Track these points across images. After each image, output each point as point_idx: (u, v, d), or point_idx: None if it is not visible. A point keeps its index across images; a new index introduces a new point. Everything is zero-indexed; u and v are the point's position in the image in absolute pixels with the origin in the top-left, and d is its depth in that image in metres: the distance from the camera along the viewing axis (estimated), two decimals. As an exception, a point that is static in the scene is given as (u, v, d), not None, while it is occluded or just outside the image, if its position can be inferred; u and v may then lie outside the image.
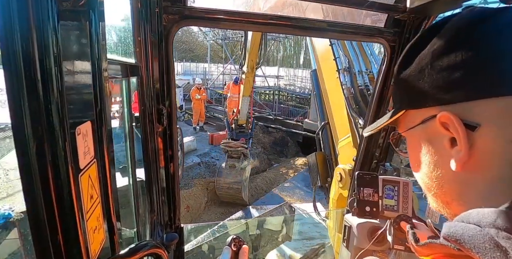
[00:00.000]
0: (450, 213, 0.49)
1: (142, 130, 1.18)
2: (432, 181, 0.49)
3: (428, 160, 0.49)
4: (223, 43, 17.96)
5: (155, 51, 1.15)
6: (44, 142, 0.43)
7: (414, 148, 0.53)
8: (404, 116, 0.54)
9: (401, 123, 0.56)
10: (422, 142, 0.50)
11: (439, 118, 0.44)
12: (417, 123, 0.50)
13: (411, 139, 0.54)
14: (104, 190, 0.60)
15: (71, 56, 0.47)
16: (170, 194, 1.38)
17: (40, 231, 0.46)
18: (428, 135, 0.49)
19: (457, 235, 0.38)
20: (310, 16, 1.40)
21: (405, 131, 0.55)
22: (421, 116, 0.49)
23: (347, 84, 2.54)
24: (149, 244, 0.82)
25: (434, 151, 0.48)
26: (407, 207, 1.43)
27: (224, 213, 7.44)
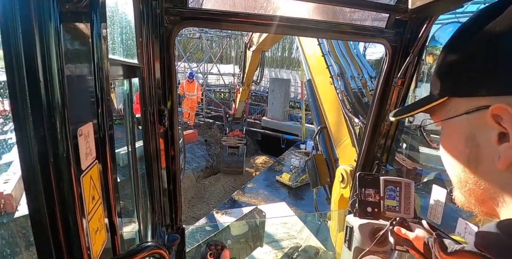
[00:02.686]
0: (482, 211, 0.47)
1: (143, 131, 1.18)
2: (469, 177, 0.46)
3: (468, 153, 0.45)
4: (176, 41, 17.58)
5: (156, 52, 1.15)
6: (46, 143, 0.43)
7: (452, 139, 0.49)
8: (444, 104, 0.49)
9: (438, 111, 0.51)
10: (463, 134, 0.46)
11: (492, 110, 0.39)
12: (460, 113, 0.45)
13: (449, 130, 0.50)
14: (105, 191, 0.60)
15: (73, 57, 0.47)
16: (172, 195, 1.38)
17: (41, 232, 0.46)
18: (472, 127, 0.44)
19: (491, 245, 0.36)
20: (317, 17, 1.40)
21: (443, 120, 0.50)
22: (467, 106, 0.44)
23: (340, 87, 2.62)
24: (151, 245, 0.81)
25: (478, 145, 0.44)
26: (409, 207, 1.43)
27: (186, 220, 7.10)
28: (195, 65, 16.70)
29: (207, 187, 8.76)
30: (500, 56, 0.39)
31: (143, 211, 1.24)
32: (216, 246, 1.08)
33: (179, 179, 1.39)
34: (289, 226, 4.41)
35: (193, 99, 12.27)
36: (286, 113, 13.82)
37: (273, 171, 9.18)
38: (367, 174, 1.48)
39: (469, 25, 0.46)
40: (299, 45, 3.25)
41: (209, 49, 16.96)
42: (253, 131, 13.05)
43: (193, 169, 9.09)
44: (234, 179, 9.25)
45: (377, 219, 1.44)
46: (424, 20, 1.41)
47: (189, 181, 8.44)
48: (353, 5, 1.35)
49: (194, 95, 12.21)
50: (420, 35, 1.44)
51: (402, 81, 1.57)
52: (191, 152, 9.88)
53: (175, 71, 1.24)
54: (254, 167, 10.37)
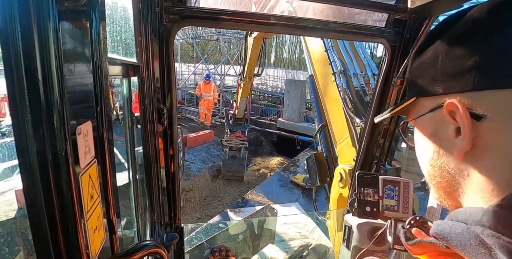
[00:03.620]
0: (452, 205, 0.50)
1: (142, 130, 1.18)
2: (435, 170, 0.49)
3: (433, 148, 0.49)
4: (194, 42, 17.56)
5: (156, 51, 1.15)
6: (45, 141, 0.42)
7: (421, 136, 0.53)
8: (414, 104, 0.54)
9: (411, 111, 0.56)
10: (428, 131, 0.50)
11: (446, 106, 0.44)
12: (425, 111, 0.50)
13: (418, 127, 0.54)
14: (104, 189, 0.60)
15: (72, 56, 0.47)
16: (171, 194, 1.38)
17: (40, 230, 0.46)
18: (435, 124, 0.48)
19: (444, 232, 0.38)
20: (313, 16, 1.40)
21: (413, 119, 0.55)
22: (430, 105, 0.49)
23: (343, 85, 2.59)
24: (150, 244, 0.82)
25: (439, 140, 0.48)
26: (408, 207, 1.43)
27: (201, 217, 7.32)
28: (213, 67, 16.88)
29: (222, 186, 8.83)
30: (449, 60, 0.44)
31: (142, 210, 1.24)
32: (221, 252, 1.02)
33: (178, 178, 1.39)
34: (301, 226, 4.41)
35: (210, 100, 12.45)
36: (302, 115, 13.79)
37: (288, 172, 9.17)
38: (366, 174, 1.48)
39: (432, 33, 0.51)
40: (302, 38, 3.21)
41: (227, 51, 17.11)
42: (268, 132, 13.24)
43: (209, 168, 9.22)
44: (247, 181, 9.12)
45: (376, 218, 1.44)
46: (424, 19, 1.41)
47: (204, 180, 8.56)
48: (352, 4, 1.35)
49: (211, 96, 12.39)
50: (420, 35, 1.44)
51: (401, 80, 1.57)
52: (207, 152, 10.01)
53: (174, 70, 1.24)
54: (269, 168, 10.38)
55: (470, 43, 0.42)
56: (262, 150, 12.53)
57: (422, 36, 1.43)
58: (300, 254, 3.52)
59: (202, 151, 10.14)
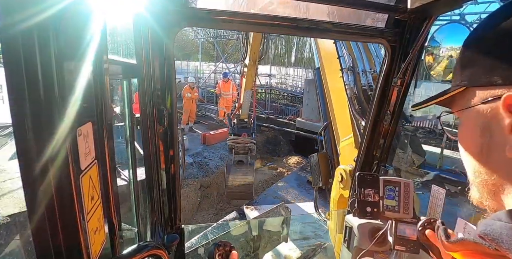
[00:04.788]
0: (493, 206, 0.47)
1: (142, 131, 1.18)
2: (482, 167, 0.46)
3: (482, 143, 0.46)
4: (214, 42, 17.92)
5: (156, 52, 1.15)
6: (45, 143, 0.42)
7: (468, 130, 0.50)
8: (462, 94, 0.50)
9: (457, 102, 0.52)
10: (478, 124, 0.47)
11: (505, 99, 0.40)
12: (477, 103, 0.46)
13: (465, 120, 0.51)
14: (105, 191, 0.60)
15: (73, 57, 0.47)
16: (171, 195, 1.38)
17: (41, 232, 0.45)
18: (486, 117, 0.45)
19: (495, 234, 0.36)
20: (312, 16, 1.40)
21: (460, 110, 0.51)
22: (483, 96, 0.45)
23: (350, 84, 2.46)
24: (150, 245, 0.82)
25: (491, 135, 0.44)
26: (408, 207, 1.43)
27: (217, 214, 7.39)
28: (233, 66, 17.08)
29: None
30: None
31: (142, 211, 1.24)
32: (225, 247, 1.05)
33: (178, 179, 1.39)
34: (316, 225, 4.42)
35: (229, 98, 12.49)
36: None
37: (305, 172, 9.18)
38: (367, 174, 1.48)
39: (488, 21, 0.48)
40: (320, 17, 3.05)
41: None
42: (287, 132, 13.25)
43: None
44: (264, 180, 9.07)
45: (376, 219, 1.44)
46: (424, 20, 1.41)
47: (222, 177, 8.41)
48: (352, 5, 1.35)
49: (230, 95, 12.42)
50: (420, 35, 1.44)
51: (401, 81, 1.57)
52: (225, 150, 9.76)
53: (174, 71, 1.24)
54: (286, 167, 10.44)
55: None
56: (280, 149, 12.68)
57: (422, 37, 1.43)
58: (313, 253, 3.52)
59: (221, 149, 10.14)
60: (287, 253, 3.64)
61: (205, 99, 17.08)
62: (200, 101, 15.43)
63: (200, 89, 16.82)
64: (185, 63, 22.00)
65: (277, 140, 13.07)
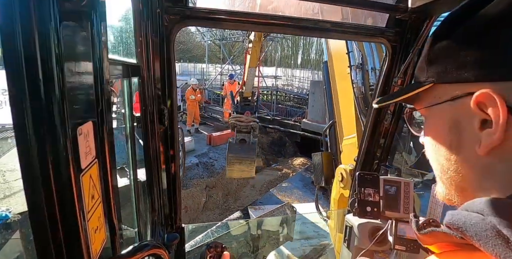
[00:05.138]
0: (461, 202, 0.47)
1: (143, 130, 1.18)
2: (450, 164, 0.46)
3: (450, 140, 0.46)
4: (220, 44, 18.09)
5: (156, 52, 1.15)
6: (46, 142, 0.43)
7: (435, 127, 0.49)
8: (428, 91, 0.49)
9: (422, 98, 0.51)
10: (446, 121, 0.46)
11: (477, 97, 0.39)
12: (445, 99, 0.45)
13: (432, 117, 0.50)
14: (105, 190, 0.60)
15: (73, 57, 0.47)
16: (171, 194, 1.38)
17: (41, 231, 0.46)
18: (455, 114, 0.44)
19: (459, 223, 0.37)
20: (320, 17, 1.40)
21: (427, 106, 0.50)
22: (452, 92, 0.44)
23: (358, 83, 2.35)
24: (150, 244, 0.82)
25: (459, 132, 0.44)
26: (408, 207, 1.43)
27: (222, 214, 7.55)
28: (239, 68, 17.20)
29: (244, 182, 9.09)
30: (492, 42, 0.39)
31: (142, 210, 1.24)
32: (216, 248, 1.05)
33: (179, 178, 1.39)
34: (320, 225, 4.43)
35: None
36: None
37: (310, 173, 9.25)
38: (367, 174, 1.48)
39: (460, 12, 0.46)
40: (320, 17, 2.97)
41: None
42: (292, 133, 13.26)
43: None
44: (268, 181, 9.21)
45: (377, 218, 1.44)
46: (424, 19, 1.41)
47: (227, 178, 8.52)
48: (353, 4, 1.34)
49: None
50: (420, 34, 1.44)
51: (402, 80, 1.57)
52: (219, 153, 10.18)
53: (175, 71, 1.24)
54: (291, 168, 10.55)
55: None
56: (285, 151, 12.80)
57: (423, 36, 1.43)
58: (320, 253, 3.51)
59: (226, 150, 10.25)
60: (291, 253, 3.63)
61: (211, 101, 17.17)
62: (206, 103, 15.57)
63: (206, 91, 16.99)
64: (192, 65, 22.12)
65: (283, 141, 13.20)
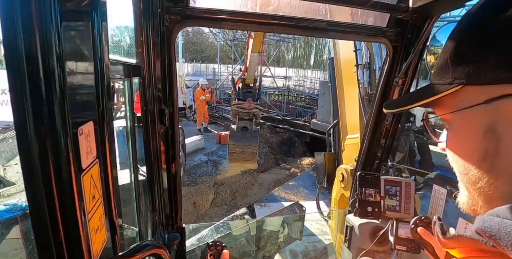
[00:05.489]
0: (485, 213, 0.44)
1: (144, 130, 1.18)
2: (484, 174, 0.42)
3: (486, 148, 0.41)
4: (232, 44, 18.31)
5: (157, 52, 1.15)
6: (47, 142, 0.43)
7: (464, 133, 0.45)
8: (455, 93, 0.44)
9: (447, 102, 0.47)
10: (479, 126, 0.42)
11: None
12: (478, 102, 0.41)
13: (460, 122, 0.46)
14: (106, 190, 0.60)
15: (74, 57, 0.47)
16: (172, 194, 1.38)
17: (42, 230, 0.46)
18: (491, 118, 0.40)
19: (492, 230, 0.34)
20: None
21: (455, 111, 0.45)
22: (486, 94, 0.40)
23: (364, 83, 2.29)
24: (151, 244, 0.82)
25: (498, 138, 0.40)
26: (409, 207, 1.43)
27: (230, 210, 7.78)
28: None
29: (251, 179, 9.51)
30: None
31: (143, 210, 1.24)
32: (217, 247, 1.08)
33: (179, 178, 1.39)
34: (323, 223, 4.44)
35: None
36: (336, 116, 13.96)
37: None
38: (368, 174, 1.48)
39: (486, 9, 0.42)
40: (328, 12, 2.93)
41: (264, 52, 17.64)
42: (302, 133, 13.45)
43: None
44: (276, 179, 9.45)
45: (377, 218, 1.44)
46: (425, 19, 1.41)
47: (235, 175, 9.28)
48: (353, 4, 1.34)
49: None
50: (421, 34, 1.44)
51: (403, 80, 1.57)
52: None
53: (176, 71, 1.24)
54: (299, 168, 10.76)
55: None
56: (294, 151, 13.02)
57: (424, 36, 1.43)
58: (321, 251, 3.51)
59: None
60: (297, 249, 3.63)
61: (222, 101, 17.39)
62: (217, 103, 15.97)
63: (218, 91, 17.34)
64: (204, 65, 22.23)
65: (292, 141, 13.46)
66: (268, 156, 11.29)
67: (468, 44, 0.43)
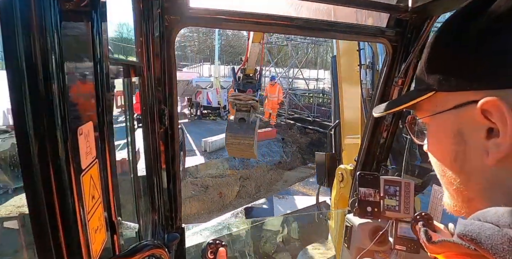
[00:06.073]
0: (469, 212, 0.45)
1: (143, 130, 1.18)
2: (457, 175, 0.45)
3: (456, 150, 0.44)
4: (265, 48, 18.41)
5: (157, 52, 1.15)
6: (46, 142, 0.43)
7: (438, 136, 0.48)
8: (431, 99, 0.47)
9: (423, 107, 0.50)
10: (450, 130, 0.44)
11: (482, 105, 0.38)
12: (448, 108, 0.44)
13: (435, 126, 0.49)
14: (105, 190, 0.60)
15: (73, 56, 0.47)
16: (171, 194, 1.38)
17: (41, 231, 0.46)
18: (459, 123, 0.43)
19: (473, 234, 0.35)
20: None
21: (429, 115, 0.48)
22: (455, 100, 0.43)
23: (367, 84, 2.27)
24: (150, 244, 0.82)
25: (465, 141, 0.42)
26: (409, 207, 1.43)
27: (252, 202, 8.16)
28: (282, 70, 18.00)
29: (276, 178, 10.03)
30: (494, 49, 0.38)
31: (143, 210, 1.24)
32: (217, 245, 1.10)
33: (179, 178, 1.39)
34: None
35: (274, 100, 13.53)
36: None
37: None
38: (367, 174, 1.48)
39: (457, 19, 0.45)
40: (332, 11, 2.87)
41: (295, 55, 18.07)
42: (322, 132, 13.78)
43: (267, 162, 10.59)
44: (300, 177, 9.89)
45: (377, 218, 1.44)
46: (425, 19, 1.41)
47: (261, 171, 9.96)
48: (353, 4, 1.34)
49: (275, 97, 13.49)
50: (421, 34, 1.44)
51: (402, 80, 1.57)
52: (267, 147, 11.36)
53: (175, 71, 1.24)
54: None
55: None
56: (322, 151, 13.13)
57: (424, 36, 1.43)
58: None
59: (263, 147, 11.34)
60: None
61: None
62: None
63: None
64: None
65: (321, 142, 13.90)
66: (295, 156, 11.74)
67: (440, 52, 0.46)
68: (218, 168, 9.24)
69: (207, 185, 8.44)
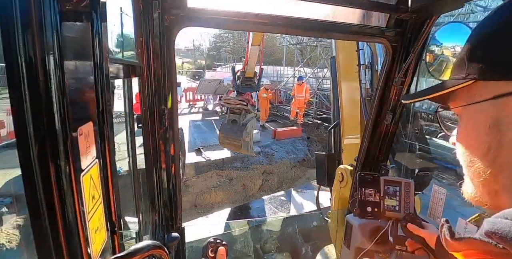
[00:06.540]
0: (492, 204, 0.45)
1: (143, 131, 1.18)
2: (487, 166, 0.44)
3: (490, 142, 0.43)
4: (294, 48, 18.71)
5: (157, 52, 1.15)
6: (46, 142, 0.43)
7: (471, 127, 0.47)
8: (466, 89, 0.47)
9: (458, 97, 0.49)
10: (486, 121, 0.44)
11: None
12: (487, 97, 0.43)
13: (468, 116, 0.48)
14: (105, 190, 0.60)
15: (73, 57, 0.47)
16: (172, 195, 1.38)
17: (41, 231, 0.46)
18: (497, 113, 0.42)
19: (503, 233, 0.35)
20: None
21: (464, 105, 0.48)
22: (496, 90, 0.42)
23: (366, 84, 2.28)
24: (150, 244, 0.81)
25: (502, 132, 0.42)
26: (409, 207, 1.43)
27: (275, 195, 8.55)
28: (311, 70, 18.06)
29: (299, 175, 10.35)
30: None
31: (143, 210, 1.24)
32: (217, 244, 1.11)
33: (179, 178, 1.39)
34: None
35: (301, 100, 13.68)
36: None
37: None
38: (367, 174, 1.48)
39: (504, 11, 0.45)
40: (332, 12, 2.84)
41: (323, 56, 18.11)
42: None
43: (291, 159, 10.85)
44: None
45: (377, 219, 1.44)
46: (425, 20, 1.41)
47: (284, 167, 10.30)
48: (353, 4, 1.34)
49: (302, 97, 13.63)
50: (421, 35, 1.44)
51: (402, 81, 1.57)
52: (293, 145, 11.66)
53: (175, 71, 1.24)
54: None
55: None
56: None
57: (424, 36, 1.43)
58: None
59: (288, 144, 11.68)
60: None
61: (283, 101, 17.95)
62: (279, 102, 17.13)
63: (282, 92, 18.16)
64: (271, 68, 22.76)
65: None
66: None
67: (487, 40, 0.45)
68: (243, 162, 9.77)
69: (232, 177, 8.93)
